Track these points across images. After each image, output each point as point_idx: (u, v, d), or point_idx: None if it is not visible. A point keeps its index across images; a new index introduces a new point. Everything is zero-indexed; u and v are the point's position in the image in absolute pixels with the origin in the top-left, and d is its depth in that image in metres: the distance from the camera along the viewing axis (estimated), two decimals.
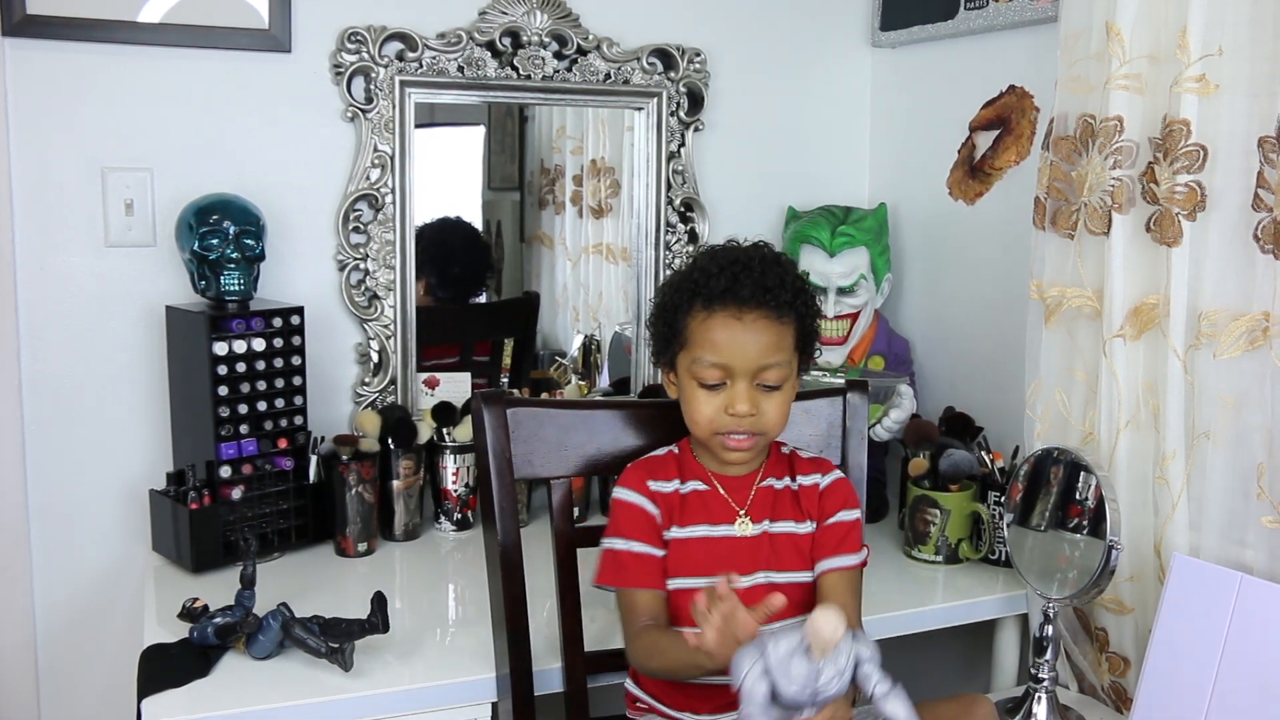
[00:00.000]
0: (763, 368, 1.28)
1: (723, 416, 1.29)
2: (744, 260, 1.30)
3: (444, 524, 1.94)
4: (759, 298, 1.27)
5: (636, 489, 1.35)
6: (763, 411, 1.29)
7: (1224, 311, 1.42)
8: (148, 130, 1.82)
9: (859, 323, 2.05)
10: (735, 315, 1.28)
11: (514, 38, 1.99)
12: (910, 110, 2.23)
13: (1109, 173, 1.50)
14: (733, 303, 1.28)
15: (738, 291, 1.27)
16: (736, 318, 1.28)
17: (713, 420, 1.30)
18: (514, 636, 1.38)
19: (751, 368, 1.28)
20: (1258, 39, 1.37)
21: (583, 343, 2.23)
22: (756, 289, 1.27)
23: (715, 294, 1.28)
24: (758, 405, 1.29)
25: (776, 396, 1.30)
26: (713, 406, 1.29)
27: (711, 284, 1.29)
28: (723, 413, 1.29)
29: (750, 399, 1.28)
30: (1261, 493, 1.38)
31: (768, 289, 1.28)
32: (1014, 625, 1.82)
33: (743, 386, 1.28)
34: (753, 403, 1.28)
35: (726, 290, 1.28)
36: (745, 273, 1.28)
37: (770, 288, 1.28)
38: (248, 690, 1.37)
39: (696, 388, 1.30)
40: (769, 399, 1.30)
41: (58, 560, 1.84)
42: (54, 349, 1.81)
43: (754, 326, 1.27)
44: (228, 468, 1.71)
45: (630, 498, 1.35)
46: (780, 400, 1.31)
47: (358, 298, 1.95)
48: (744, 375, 1.28)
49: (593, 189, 2.19)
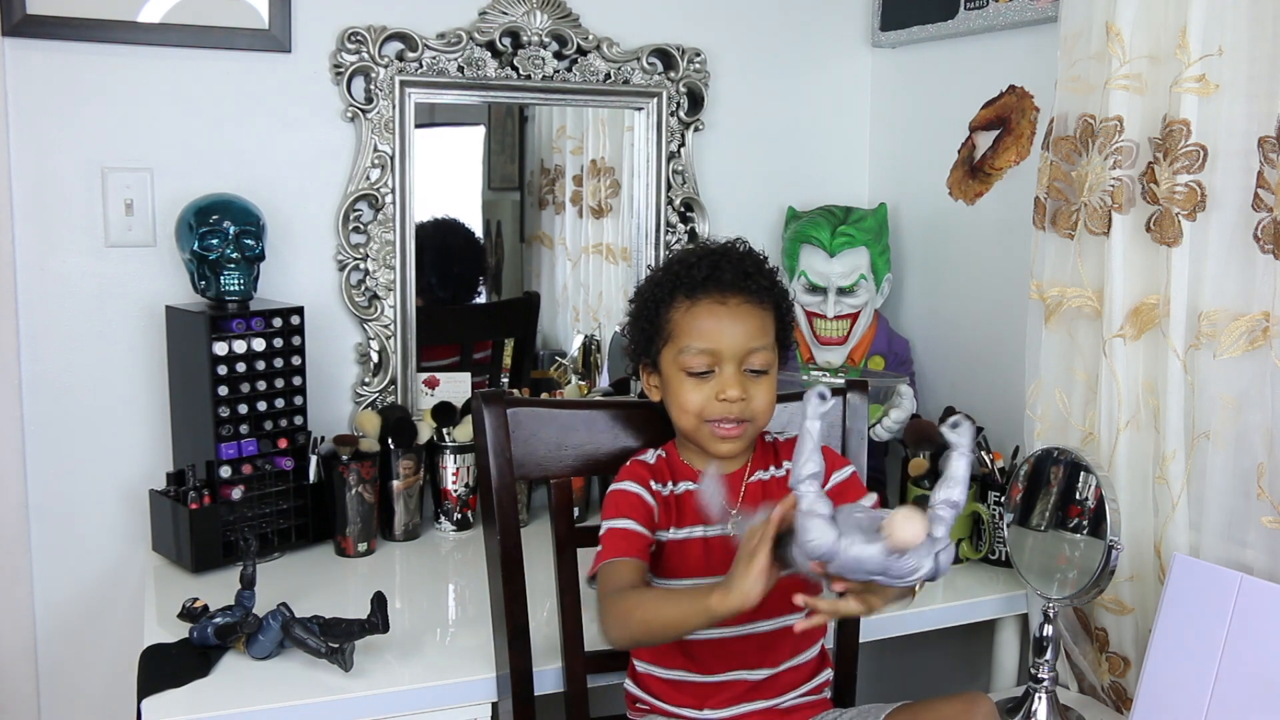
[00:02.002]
0: (750, 351, 1.29)
1: (713, 404, 1.30)
2: (721, 250, 1.34)
3: (444, 524, 1.94)
4: (740, 283, 1.30)
5: (639, 481, 1.35)
6: (751, 397, 1.30)
7: (1224, 311, 1.42)
8: (148, 130, 1.82)
9: (859, 323, 2.05)
10: (719, 301, 1.30)
11: (514, 38, 1.99)
12: (910, 110, 2.23)
13: (1109, 173, 1.50)
14: (715, 289, 1.30)
15: (720, 278, 1.30)
16: (721, 303, 1.30)
17: (702, 408, 1.30)
18: (514, 636, 1.38)
19: (739, 352, 1.29)
20: (1257, 39, 1.37)
21: (583, 343, 2.23)
22: (737, 274, 1.30)
23: (697, 283, 1.30)
24: (746, 390, 1.29)
25: (764, 382, 1.31)
26: (701, 395, 1.30)
27: (692, 274, 1.31)
28: (712, 400, 1.30)
29: (739, 383, 1.29)
30: (1261, 493, 1.38)
31: (748, 274, 1.31)
32: (1014, 625, 1.82)
33: (731, 371, 1.29)
34: (742, 387, 1.29)
35: (708, 278, 1.30)
36: (725, 260, 1.32)
37: (750, 273, 1.31)
38: (248, 690, 1.37)
39: (684, 378, 1.31)
40: (757, 385, 1.31)
41: (58, 560, 1.84)
42: (54, 349, 1.81)
43: (738, 311, 1.29)
44: (228, 468, 1.71)
45: (630, 487, 1.35)
46: (767, 386, 1.32)
47: (358, 298, 1.95)
48: (732, 360, 1.29)
49: (593, 189, 2.19)
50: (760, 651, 1.34)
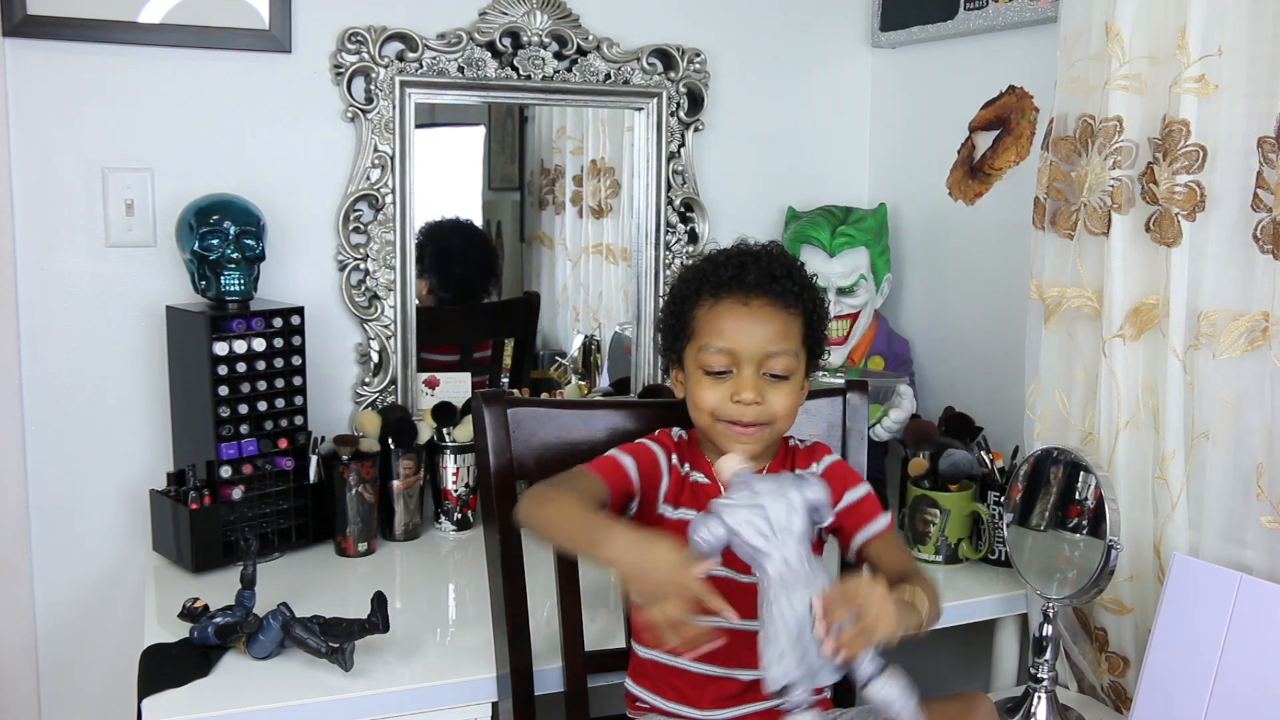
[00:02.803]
0: (769, 355, 1.28)
1: (727, 404, 1.29)
2: (752, 252, 1.33)
3: (444, 524, 1.94)
4: (764, 285, 1.29)
5: (663, 447, 1.35)
6: (769, 401, 1.29)
7: (1223, 311, 1.42)
8: (148, 130, 1.82)
9: (859, 323, 2.05)
10: (741, 301, 1.29)
11: (514, 38, 1.99)
12: (910, 110, 2.23)
13: (1108, 173, 1.50)
14: (739, 290, 1.29)
15: (744, 278, 1.29)
16: (743, 303, 1.29)
17: (716, 407, 1.30)
18: (514, 636, 1.38)
19: (757, 354, 1.28)
20: (1257, 39, 1.37)
21: (583, 343, 2.23)
22: (762, 276, 1.29)
23: (722, 282, 1.30)
24: (763, 394, 1.29)
25: (784, 387, 1.30)
26: (717, 394, 1.30)
27: (719, 273, 1.31)
28: (728, 400, 1.29)
29: (756, 387, 1.28)
30: (1261, 493, 1.39)
31: (774, 277, 1.30)
32: (1014, 625, 1.82)
33: (749, 373, 1.28)
34: (758, 391, 1.28)
35: (733, 278, 1.30)
36: (752, 261, 1.31)
37: (777, 276, 1.30)
38: (248, 690, 1.37)
39: (702, 376, 1.31)
40: (775, 389, 1.30)
41: (58, 560, 1.84)
42: (54, 349, 1.81)
43: (760, 313, 1.29)
44: (228, 468, 1.71)
45: (652, 446, 1.35)
46: (787, 391, 1.30)
47: (358, 298, 1.95)
48: (750, 362, 1.28)
49: (593, 189, 2.19)
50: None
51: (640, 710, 1.40)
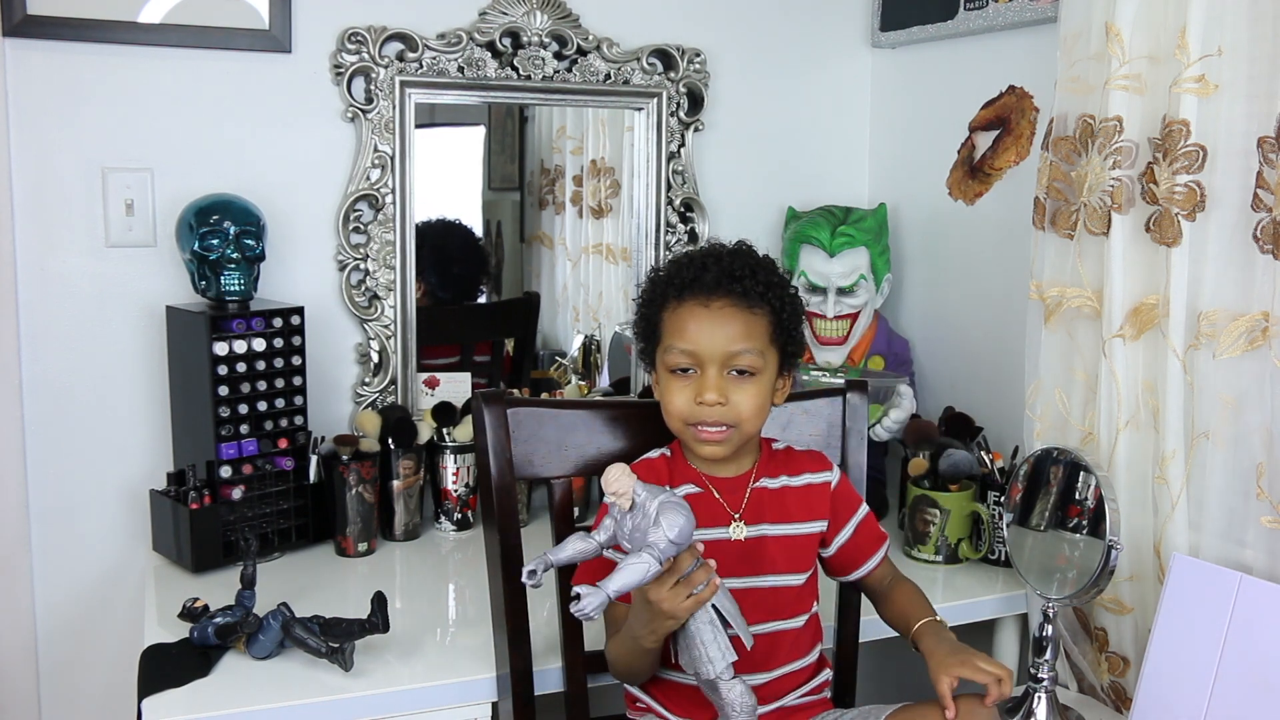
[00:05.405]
0: (731, 354, 1.29)
1: (694, 406, 1.30)
2: (714, 252, 1.34)
3: (444, 524, 1.94)
4: (725, 285, 1.29)
5: None
6: (733, 402, 1.29)
7: (1223, 311, 1.42)
8: (148, 130, 1.82)
9: (859, 323, 2.05)
10: (702, 303, 1.30)
11: (514, 38, 1.99)
12: (910, 110, 2.23)
13: (1108, 173, 1.50)
14: (700, 291, 1.30)
15: (703, 279, 1.30)
16: (704, 305, 1.30)
17: (684, 411, 1.30)
18: (514, 636, 1.38)
19: (719, 354, 1.28)
20: (1257, 39, 1.37)
21: (583, 343, 2.23)
22: (722, 276, 1.30)
23: (685, 283, 1.31)
24: (727, 395, 1.29)
25: (749, 387, 1.30)
26: (684, 397, 1.30)
27: (682, 274, 1.32)
28: (693, 402, 1.29)
29: (719, 388, 1.28)
30: (1261, 493, 1.39)
31: (735, 277, 1.30)
32: (1014, 625, 1.82)
33: (712, 374, 1.29)
34: (721, 391, 1.28)
35: (694, 279, 1.30)
36: (714, 261, 1.31)
37: (738, 276, 1.30)
38: (248, 690, 1.37)
39: (670, 378, 1.32)
40: (740, 389, 1.29)
41: (58, 560, 1.84)
42: (54, 349, 1.81)
43: (721, 314, 1.29)
44: (228, 468, 1.71)
45: None
46: (753, 391, 1.30)
47: (358, 298, 1.95)
48: (713, 362, 1.29)
49: (593, 189, 2.19)
50: (759, 654, 1.34)
51: (640, 710, 1.40)
